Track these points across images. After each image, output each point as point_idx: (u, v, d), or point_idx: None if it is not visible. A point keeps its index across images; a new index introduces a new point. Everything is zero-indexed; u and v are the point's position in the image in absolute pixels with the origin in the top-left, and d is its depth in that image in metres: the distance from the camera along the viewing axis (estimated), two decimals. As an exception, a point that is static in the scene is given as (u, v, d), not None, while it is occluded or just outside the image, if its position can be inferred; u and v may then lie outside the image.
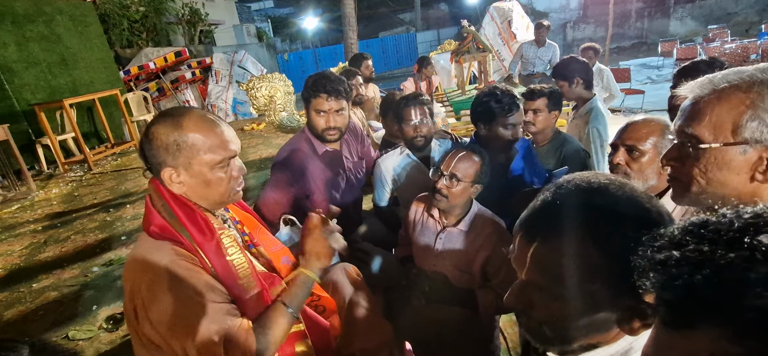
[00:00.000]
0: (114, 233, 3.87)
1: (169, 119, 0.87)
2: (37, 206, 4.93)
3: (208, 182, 0.89)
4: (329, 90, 1.58)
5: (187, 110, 0.90)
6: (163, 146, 0.86)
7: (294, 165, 1.65)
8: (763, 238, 0.28)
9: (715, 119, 0.65)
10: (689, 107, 0.70)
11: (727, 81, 0.66)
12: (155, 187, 0.90)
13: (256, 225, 1.12)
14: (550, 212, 0.55)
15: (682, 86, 0.71)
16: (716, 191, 0.68)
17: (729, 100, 0.64)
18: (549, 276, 0.54)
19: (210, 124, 0.89)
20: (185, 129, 0.86)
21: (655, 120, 1.16)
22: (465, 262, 1.40)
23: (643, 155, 1.12)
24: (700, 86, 0.69)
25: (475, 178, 1.35)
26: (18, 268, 3.40)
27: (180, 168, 0.87)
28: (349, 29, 8.75)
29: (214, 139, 0.88)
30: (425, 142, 1.81)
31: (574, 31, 15.28)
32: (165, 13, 11.26)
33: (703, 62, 1.55)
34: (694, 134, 0.68)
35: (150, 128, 0.88)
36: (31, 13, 6.70)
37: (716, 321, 0.28)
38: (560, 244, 0.52)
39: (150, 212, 0.88)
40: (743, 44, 7.46)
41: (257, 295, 0.91)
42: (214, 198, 0.93)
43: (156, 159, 0.87)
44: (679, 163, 0.72)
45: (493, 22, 6.90)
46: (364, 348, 1.19)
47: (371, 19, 23.29)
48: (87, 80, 7.64)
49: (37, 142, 6.28)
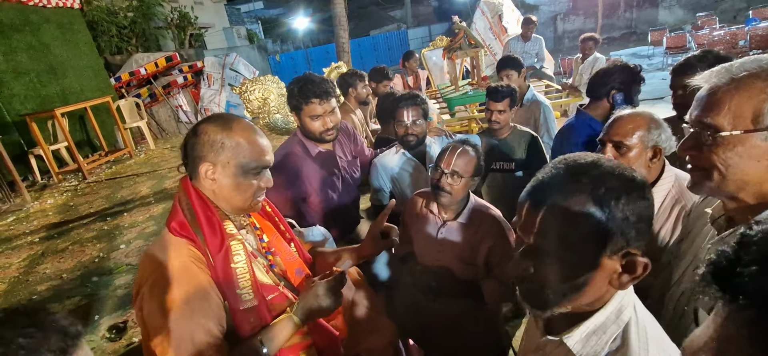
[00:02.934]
0: (112, 243, 3.86)
1: (220, 120, 0.95)
2: (32, 218, 4.90)
3: (238, 186, 0.94)
4: (319, 94, 1.59)
5: (236, 117, 0.98)
6: (209, 142, 0.92)
7: (289, 168, 1.67)
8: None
9: (734, 107, 0.66)
10: (706, 97, 0.70)
11: (746, 69, 0.66)
12: (184, 187, 0.95)
13: (274, 233, 1.15)
14: (556, 181, 0.62)
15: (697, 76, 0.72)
16: (737, 179, 0.68)
17: (749, 88, 0.65)
18: (555, 236, 0.61)
19: (255, 133, 0.96)
20: (233, 131, 0.93)
21: (640, 115, 1.18)
22: (469, 254, 1.43)
23: (631, 150, 1.15)
24: (717, 75, 0.69)
25: (474, 171, 1.38)
26: (17, 281, 3.38)
27: (218, 165, 0.92)
28: (340, 29, 8.72)
29: (256, 146, 0.95)
30: (418, 141, 1.84)
31: (564, 23, 15.35)
32: (154, 18, 11.14)
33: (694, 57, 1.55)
34: (712, 124, 0.68)
35: (200, 125, 0.94)
36: (18, 23, 6.61)
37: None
38: (566, 207, 0.60)
39: (175, 210, 0.94)
40: (731, 31, 7.55)
41: (253, 308, 0.94)
42: (237, 203, 0.97)
43: (198, 153, 0.92)
44: (697, 151, 0.72)
45: (484, 17, 6.92)
46: (369, 348, 1.21)
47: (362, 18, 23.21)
48: (77, 88, 7.56)
49: (30, 152, 6.22)
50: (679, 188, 1.17)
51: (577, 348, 0.64)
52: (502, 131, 2.17)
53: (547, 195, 0.62)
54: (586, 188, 0.60)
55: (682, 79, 1.52)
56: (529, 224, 0.63)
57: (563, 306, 0.64)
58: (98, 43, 9.05)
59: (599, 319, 0.64)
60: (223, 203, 0.97)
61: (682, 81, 1.52)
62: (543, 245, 0.62)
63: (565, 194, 0.61)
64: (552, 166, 0.65)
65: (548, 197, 0.62)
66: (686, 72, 1.52)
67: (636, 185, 0.61)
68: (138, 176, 6.20)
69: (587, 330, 0.64)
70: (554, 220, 0.61)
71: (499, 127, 2.14)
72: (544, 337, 0.71)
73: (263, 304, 0.96)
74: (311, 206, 1.75)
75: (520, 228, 0.66)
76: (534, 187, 0.65)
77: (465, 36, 4.19)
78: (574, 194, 0.60)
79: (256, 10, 26.30)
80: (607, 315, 0.64)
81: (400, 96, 1.84)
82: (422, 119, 1.82)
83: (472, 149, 1.39)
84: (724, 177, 0.69)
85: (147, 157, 7.49)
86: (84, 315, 2.73)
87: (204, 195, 0.94)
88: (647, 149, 1.15)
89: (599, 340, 0.63)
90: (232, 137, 0.92)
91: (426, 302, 1.42)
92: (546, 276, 0.63)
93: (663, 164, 1.20)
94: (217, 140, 0.92)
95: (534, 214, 0.63)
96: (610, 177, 0.60)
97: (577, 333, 0.64)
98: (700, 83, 0.72)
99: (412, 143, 1.83)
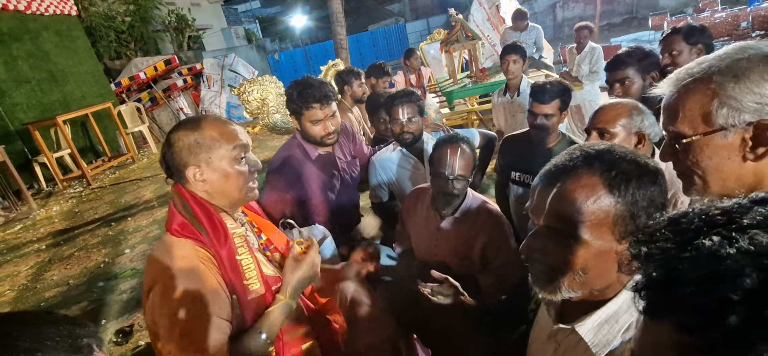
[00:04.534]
0: (117, 248, 3.90)
1: (188, 124, 0.98)
2: (39, 225, 4.96)
3: (228, 176, 0.97)
4: (320, 98, 1.58)
5: (202, 116, 1.01)
6: (185, 147, 0.94)
7: (288, 172, 1.67)
8: (706, 241, 0.31)
9: (687, 113, 0.67)
10: (666, 105, 0.72)
11: (690, 74, 0.68)
12: (177, 190, 0.98)
13: (272, 230, 1.17)
14: (569, 164, 0.64)
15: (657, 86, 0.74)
16: (716, 179, 0.69)
17: (694, 93, 0.66)
18: (564, 218, 0.62)
19: (223, 122, 1.00)
20: (202, 128, 0.96)
21: (622, 103, 1.20)
22: (465, 249, 1.43)
23: (614, 137, 1.16)
24: (668, 84, 0.71)
25: (473, 167, 1.40)
26: (26, 288, 3.44)
27: (202, 165, 0.95)
28: (338, 25, 8.68)
29: (228, 133, 0.97)
30: (414, 138, 1.84)
31: (564, 10, 15.19)
32: (151, 21, 11.15)
33: (625, 54, 1.69)
34: (676, 131, 0.70)
35: (171, 135, 0.97)
36: (17, 31, 6.64)
37: (672, 315, 0.31)
38: (576, 188, 0.61)
39: (172, 214, 0.96)
40: (733, 13, 7.46)
41: (260, 297, 0.97)
42: (232, 194, 0.99)
43: (180, 161, 0.95)
44: (674, 158, 0.74)
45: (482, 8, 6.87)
46: (369, 344, 1.23)
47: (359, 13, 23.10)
48: (78, 95, 7.60)
49: (34, 160, 6.28)
50: (668, 177, 1.17)
51: (588, 337, 0.64)
52: (549, 140, 1.77)
53: (558, 177, 0.63)
54: (597, 171, 0.61)
55: (614, 74, 1.72)
56: (540, 206, 0.65)
57: (572, 290, 0.64)
58: (97, 49, 9.09)
59: (612, 308, 0.63)
60: (220, 199, 0.99)
61: (615, 76, 1.72)
62: (552, 227, 0.63)
63: (577, 176, 0.62)
64: (566, 152, 0.66)
65: (559, 179, 0.63)
66: (617, 68, 1.70)
67: (648, 171, 0.61)
68: (141, 180, 6.24)
69: (599, 318, 0.64)
70: (564, 201, 0.62)
71: (547, 134, 1.73)
72: (557, 325, 0.71)
73: (269, 293, 0.99)
74: (311, 207, 1.76)
75: (532, 211, 0.67)
76: (547, 170, 0.67)
77: (462, 28, 4.17)
78: (584, 176, 0.61)
79: (254, 9, 26.24)
80: (620, 304, 0.63)
81: (395, 93, 1.83)
82: (418, 116, 1.82)
83: (467, 147, 1.39)
84: (705, 180, 0.70)
85: (150, 161, 7.54)
86: (91, 320, 2.77)
87: (198, 196, 0.97)
88: (631, 136, 1.16)
89: (611, 329, 0.63)
90: (203, 134, 0.95)
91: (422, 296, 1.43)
92: (555, 258, 0.63)
93: (652, 152, 1.21)
94: (192, 142, 0.94)
95: (545, 195, 0.64)
96: (622, 161, 0.61)
97: (589, 321, 0.64)
98: (660, 92, 0.73)
99: (408, 141, 1.83)
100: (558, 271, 0.63)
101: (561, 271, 0.63)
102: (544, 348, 0.76)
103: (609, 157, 0.62)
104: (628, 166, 0.60)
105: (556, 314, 0.73)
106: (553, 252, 0.64)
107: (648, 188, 0.59)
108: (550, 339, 0.75)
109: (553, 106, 1.69)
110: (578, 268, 0.62)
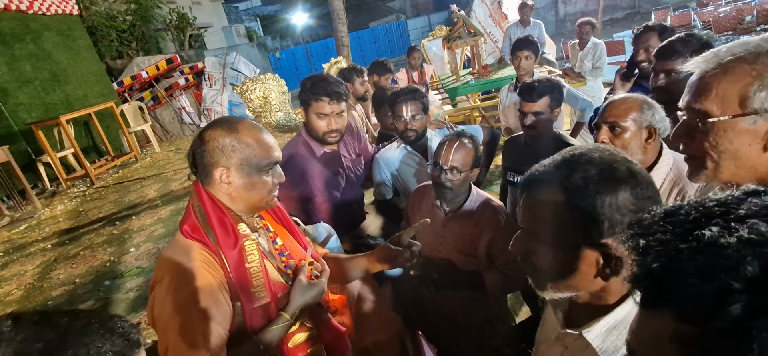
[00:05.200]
0: (122, 246, 3.93)
1: (225, 123, 0.97)
2: (44, 225, 4.99)
3: (254, 184, 0.97)
4: (331, 93, 1.59)
5: (240, 119, 1.01)
6: (219, 147, 0.94)
7: (293, 169, 1.67)
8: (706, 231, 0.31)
9: (721, 92, 0.65)
10: (695, 82, 0.69)
11: (733, 53, 0.65)
12: (196, 190, 0.97)
13: (288, 237, 1.17)
14: (540, 167, 0.66)
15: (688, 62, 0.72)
16: (729, 165, 0.68)
17: (734, 72, 0.64)
18: (533, 221, 0.65)
19: (260, 131, 0.99)
20: (240, 133, 0.95)
21: (632, 97, 1.19)
22: (470, 246, 1.44)
23: (625, 132, 1.15)
24: (705, 61, 0.69)
25: (472, 164, 1.38)
26: (33, 287, 3.46)
27: (232, 168, 0.95)
28: (339, 23, 8.67)
29: (264, 144, 0.97)
30: (417, 135, 1.84)
31: (566, 6, 15.12)
32: (152, 20, 11.15)
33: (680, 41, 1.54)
34: (702, 110, 0.68)
35: (205, 132, 0.96)
36: (19, 32, 6.66)
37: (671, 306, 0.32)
38: (539, 193, 0.63)
39: (188, 213, 0.96)
40: (738, 6, 7.38)
41: (265, 305, 0.98)
42: (254, 201, 0.99)
43: (210, 159, 0.94)
44: (689, 139, 0.72)
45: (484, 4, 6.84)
46: (376, 341, 1.23)
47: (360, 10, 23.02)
48: (81, 95, 7.62)
49: (38, 160, 6.31)
50: (677, 171, 1.17)
51: (596, 343, 0.63)
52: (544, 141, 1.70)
53: (528, 181, 0.66)
54: (559, 176, 0.61)
55: (664, 63, 1.55)
56: (520, 209, 0.68)
57: (555, 290, 0.65)
58: (99, 49, 9.10)
59: (620, 314, 0.62)
60: (241, 204, 0.99)
61: (664, 65, 1.55)
62: (527, 229, 0.66)
63: (542, 180, 0.63)
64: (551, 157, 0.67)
65: (529, 183, 0.66)
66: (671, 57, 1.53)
67: (615, 174, 0.59)
68: (144, 179, 6.26)
69: (607, 325, 0.63)
70: (531, 204, 0.65)
71: (540, 134, 1.68)
72: (564, 329, 0.70)
73: (274, 302, 0.99)
74: (316, 205, 1.77)
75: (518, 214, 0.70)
76: (526, 175, 0.68)
77: (464, 25, 4.15)
78: (547, 182, 0.62)
79: (254, 7, 26.19)
80: (628, 310, 0.62)
81: (399, 91, 1.84)
82: (422, 114, 1.82)
83: (469, 141, 1.38)
84: (718, 164, 0.69)
85: (153, 160, 7.56)
86: (98, 318, 2.79)
87: (216, 198, 0.96)
88: (642, 130, 1.15)
89: (620, 335, 0.62)
90: (240, 138, 0.95)
91: (428, 293, 1.44)
92: (534, 259, 0.65)
93: (660, 146, 1.20)
94: (227, 143, 0.94)
95: (521, 199, 0.67)
96: (590, 166, 0.60)
97: (597, 327, 0.63)
98: (691, 69, 0.71)
99: (411, 138, 1.84)
100: (540, 271, 0.65)
101: (542, 271, 0.65)
102: (552, 350, 0.76)
103: (580, 160, 0.61)
104: (594, 170, 0.59)
105: (563, 316, 0.73)
106: (535, 253, 0.65)
107: (615, 193, 0.58)
108: (557, 342, 0.75)
109: (542, 103, 1.64)
110: (551, 269, 0.63)
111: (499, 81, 4.13)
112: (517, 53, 2.58)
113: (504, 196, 2.02)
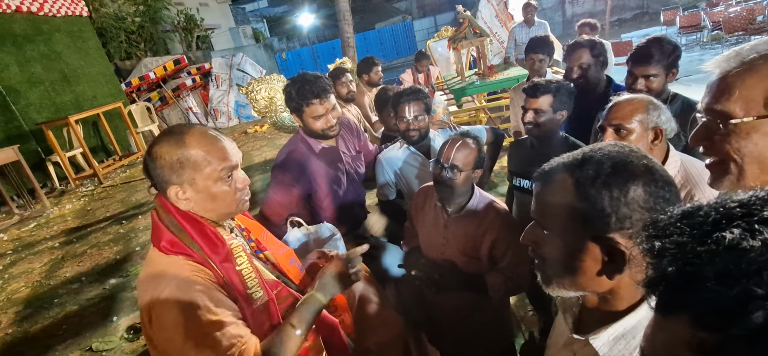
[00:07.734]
0: (129, 245, 3.96)
1: (171, 137, 0.88)
2: (52, 223, 5.05)
3: (214, 196, 0.91)
4: (318, 93, 1.59)
5: (187, 127, 0.91)
6: (167, 165, 0.87)
7: (293, 166, 1.68)
8: (727, 233, 0.29)
9: (745, 92, 0.63)
10: (717, 83, 0.66)
11: (757, 52, 0.63)
12: (161, 203, 0.91)
13: (261, 230, 1.14)
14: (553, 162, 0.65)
15: (708, 62, 0.69)
16: (754, 169, 0.65)
17: (759, 71, 0.62)
18: (543, 214, 0.64)
19: (211, 139, 0.90)
20: (187, 146, 0.87)
21: (638, 98, 1.16)
22: (472, 248, 1.42)
23: (631, 133, 1.13)
24: (726, 60, 0.66)
25: (474, 164, 1.36)
26: (40, 285, 3.51)
27: (185, 185, 0.88)
28: (345, 23, 8.68)
29: (215, 153, 0.89)
30: (420, 136, 1.82)
31: (573, 6, 15.00)
32: (161, 22, 11.30)
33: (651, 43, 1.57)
34: (723, 111, 0.65)
35: (153, 148, 0.89)
36: (30, 33, 6.77)
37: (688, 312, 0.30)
38: (550, 185, 0.63)
39: (158, 229, 0.89)
40: (749, 6, 7.26)
41: (264, 305, 0.94)
42: (221, 210, 0.94)
43: (161, 178, 0.88)
44: (709, 142, 0.69)
45: (490, 4, 6.81)
46: (378, 342, 1.22)
47: (366, 11, 23.07)
48: (90, 95, 7.73)
49: (48, 160, 6.40)
50: (684, 173, 1.14)
51: (603, 351, 0.61)
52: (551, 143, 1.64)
53: (541, 174, 0.66)
54: (573, 166, 0.61)
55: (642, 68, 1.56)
56: (533, 200, 0.68)
57: (560, 287, 0.63)
58: (108, 50, 9.23)
59: (629, 322, 0.60)
60: (209, 214, 0.93)
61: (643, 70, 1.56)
62: (537, 221, 0.66)
63: (555, 171, 0.63)
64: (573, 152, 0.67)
65: (542, 176, 0.66)
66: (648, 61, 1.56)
67: (628, 168, 0.57)
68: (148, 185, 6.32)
69: (615, 332, 0.61)
70: (543, 195, 0.65)
71: (543, 134, 1.64)
72: (572, 335, 0.69)
73: (273, 301, 0.97)
74: (317, 203, 1.76)
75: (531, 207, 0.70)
76: (543, 166, 0.68)
77: (470, 25, 4.13)
78: (560, 172, 0.62)
79: (261, 8, 26.39)
80: (639, 319, 0.60)
81: (402, 91, 1.82)
82: (424, 114, 1.81)
83: (472, 142, 1.37)
84: (741, 168, 0.66)
85: (159, 160, 7.62)
86: (103, 316, 2.81)
87: (185, 211, 0.91)
88: (648, 131, 1.13)
89: (628, 345, 0.60)
90: (187, 151, 0.87)
91: (430, 295, 1.42)
92: (542, 250, 0.65)
93: (667, 148, 1.18)
94: (174, 160, 0.86)
95: (534, 191, 0.67)
96: (603, 160, 0.59)
97: (604, 334, 0.61)
98: (710, 68, 0.68)
99: (414, 138, 1.82)
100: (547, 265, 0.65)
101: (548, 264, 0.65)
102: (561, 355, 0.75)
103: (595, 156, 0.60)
104: (606, 164, 0.58)
105: (573, 322, 0.71)
106: (543, 245, 0.65)
107: (624, 187, 0.56)
108: (566, 348, 0.73)
109: (544, 102, 1.57)
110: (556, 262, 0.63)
111: (505, 82, 4.10)
112: (532, 55, 2.48)
113: (510, 201, 1.97)
